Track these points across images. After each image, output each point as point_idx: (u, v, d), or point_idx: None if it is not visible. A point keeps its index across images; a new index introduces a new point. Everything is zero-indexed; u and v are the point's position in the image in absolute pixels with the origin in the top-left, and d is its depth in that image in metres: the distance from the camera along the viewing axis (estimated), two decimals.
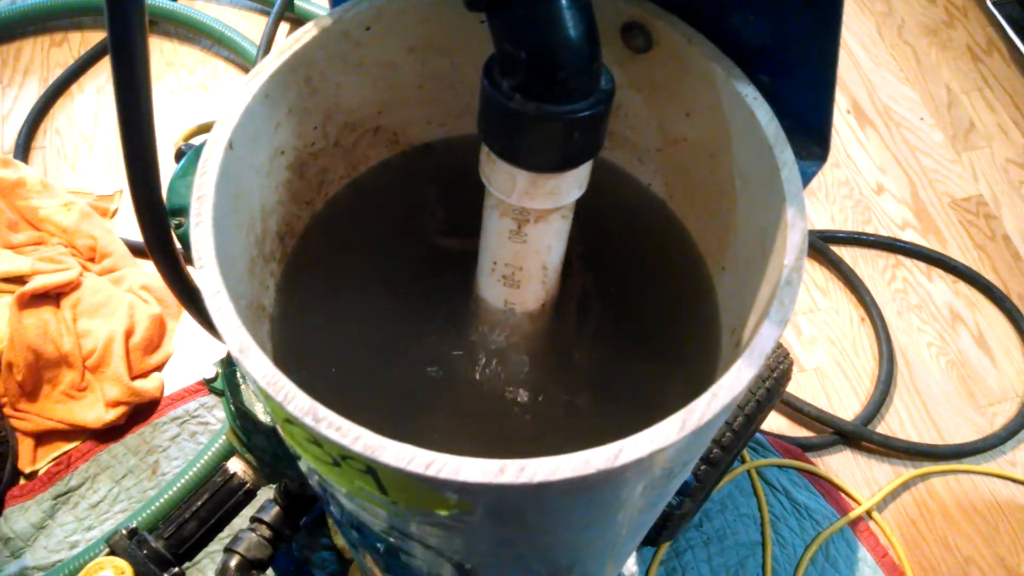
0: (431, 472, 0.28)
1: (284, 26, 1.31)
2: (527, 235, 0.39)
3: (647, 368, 0.44)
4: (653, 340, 0.44)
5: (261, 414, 0.74)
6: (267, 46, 1.25)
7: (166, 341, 1.09)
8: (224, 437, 1.00)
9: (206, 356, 1.08)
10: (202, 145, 0.61)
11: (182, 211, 0.58)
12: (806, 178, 0.40)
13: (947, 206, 1.25)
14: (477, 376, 0.44)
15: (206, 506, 0.81)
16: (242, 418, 0.78)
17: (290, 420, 0.30)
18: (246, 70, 1.25)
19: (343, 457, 0.30)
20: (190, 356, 1.08)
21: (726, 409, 0.30)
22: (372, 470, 0.30)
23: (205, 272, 0.32)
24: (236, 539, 0.87)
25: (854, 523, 1.04)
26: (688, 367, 0.43)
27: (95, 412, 0.99)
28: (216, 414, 1.06)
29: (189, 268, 0.55)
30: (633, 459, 0.29)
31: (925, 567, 1.03)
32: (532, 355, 0.44)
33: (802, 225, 0.33)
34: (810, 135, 0.39)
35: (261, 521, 0.89)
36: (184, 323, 1.11)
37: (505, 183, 0.37)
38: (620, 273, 0.46)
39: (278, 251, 0.42)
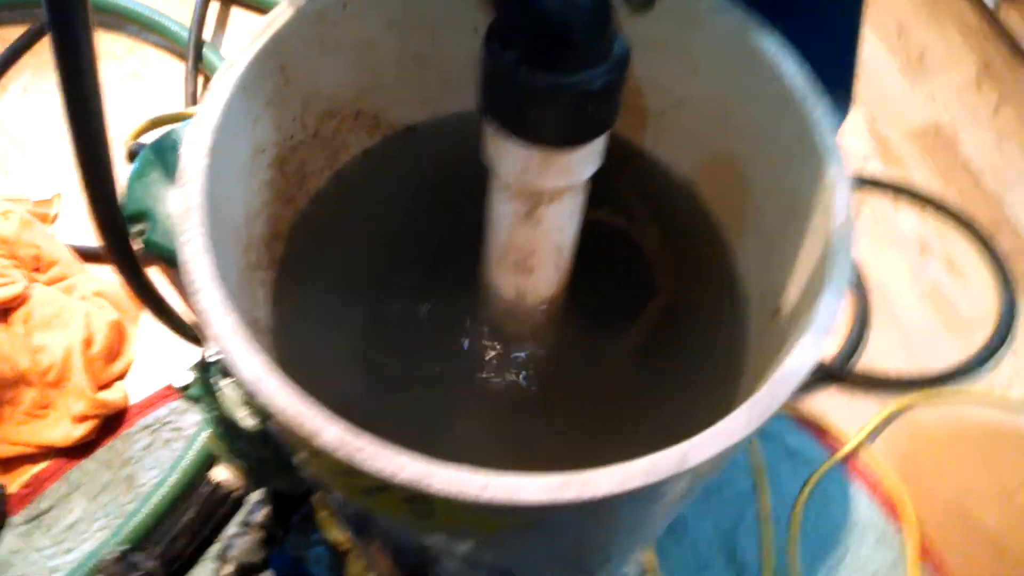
0: (486, 497, 0.26)
1: (215, 4, 1.25)
2: (540, 218, 0.36)
3: (670, 345, 0.41)
4: (672, 315, 0.42)
5: (243, 419, 0.71)
6: (199, 28, 1.19)
7: (127, 347, 1.04)
8: (200, 442, 0.96)
9: (169, 359, 1.04)
10: (158, 142, 0.57)
11: (143, 216, 0.54)
12: None
13: (907, 136, 1.25)
14: (490, 372, 0.41)
15: (196, 519, 0.78)
16: (224, 425, 0.74)
17: (318, 453, 0.27)
18: (179, 55, 1.19)
19: (381, 488, 0.27)
20: (152, 360, 1.04)
21: (791, 396, 0.28)
22: (417, 498, 0.27)
23: (205, 297, 0.28)
24: (228, 546, 0.84)
25: (846, 461, 1.05)
26: (712, 339, 0.41)
27: (62, 430, 0.95)
28: (189, 418, 1.01)
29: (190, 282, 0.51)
30: (701, 461, 0.26)
31: (922, 496, 1.04)
32: (548, 345, 0.41)
33: (845, 185, 0.31)
34: (832, 85, 0.36)
35: (251, 524, 0.85)
36: (143, 327, 1.06)
37: (514, 164, 0.33)
38: (628, 246, 0.44)
39: (265, 258, 0.39)
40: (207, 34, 1.21)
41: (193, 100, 1.15)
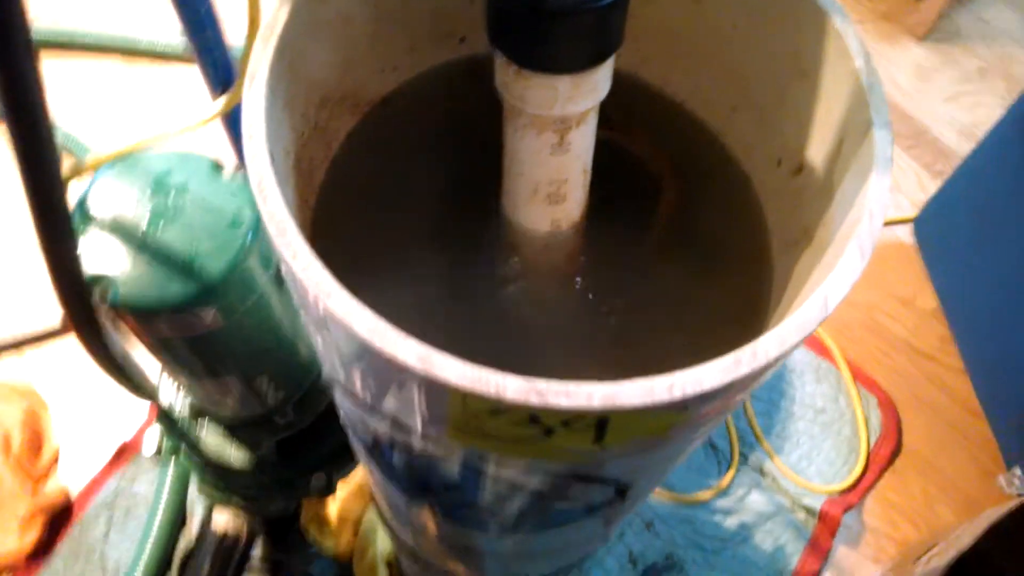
0: (676, 395, 0.27)
1: None
2: (571, 144, 0.37)
3: (691, 236, 0.44)
4: (685, 209, 0.44)
5: (235, 453, 0.68)
6: None
7: (48, 434, 0.97)
8: (164, 499, 0.91)
9: (97, 432, 0.98)
10: (82, 201, 0.53)
11: (99, 278, 0.51)
12: None
13: None
14: (539, 307, 0.42)
15: (211, 572, 0.75)
16: (212, 469, 0.71)
17: (500, 410, 0.28)
18: None
19: (566, 423, 0.28)
20: (80, 439, 0.98)
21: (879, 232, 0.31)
22: (602, 421, 0.28)
23: (336, 301, 0.28)
24: None
25: None
26: (728, 217, 0.43)
27: (12, 539, 0.88)
28: (142, 481, 0.97)
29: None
30: (837, 303, 0.29)
31: (839, 327, 1.14)
32: (588, 262, 0.43)
33: (852, 30, 0.34)
34: None
35: (253, 560, 0.83)
36: (56, 410, 0.99)
37: (546, 96, 0.34)
38: (620, 154, 0.45)
39: None
40: None
41: None
